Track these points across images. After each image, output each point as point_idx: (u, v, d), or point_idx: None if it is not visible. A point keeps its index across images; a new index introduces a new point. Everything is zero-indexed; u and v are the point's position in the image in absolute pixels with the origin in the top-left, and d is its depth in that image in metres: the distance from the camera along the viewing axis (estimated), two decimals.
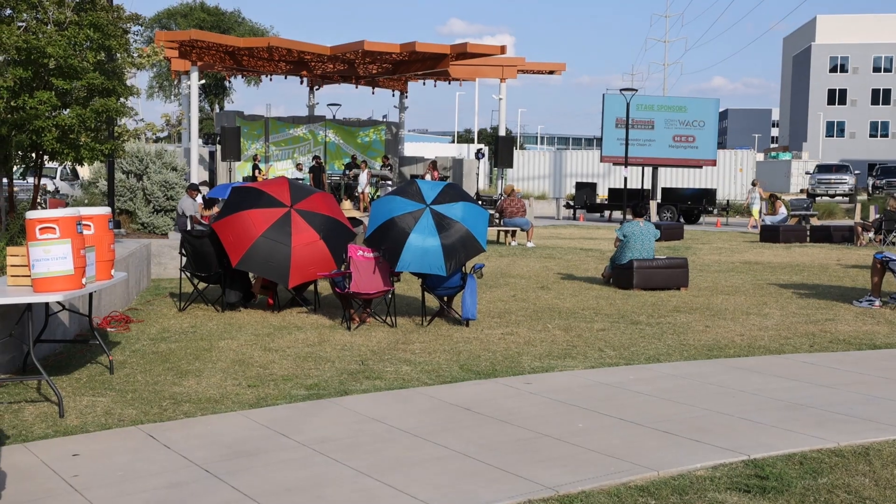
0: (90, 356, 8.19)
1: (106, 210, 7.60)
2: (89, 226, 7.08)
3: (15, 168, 11.79)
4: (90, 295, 7.84)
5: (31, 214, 6.49)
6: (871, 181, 50.51)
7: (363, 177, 30.05)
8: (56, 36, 9.57)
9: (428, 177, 22.00)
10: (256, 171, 30.11)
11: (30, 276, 6.52)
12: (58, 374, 7.39)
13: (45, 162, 11.38)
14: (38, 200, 11.87)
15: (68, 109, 10.31)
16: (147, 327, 9.80)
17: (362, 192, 29.58)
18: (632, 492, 4.92)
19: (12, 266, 6.82)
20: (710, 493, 4.90)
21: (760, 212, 29.98)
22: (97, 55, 10.19)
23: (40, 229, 6.36)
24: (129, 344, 8.83)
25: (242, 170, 32.02)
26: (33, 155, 11.18)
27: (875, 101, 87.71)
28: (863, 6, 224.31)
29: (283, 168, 33.67)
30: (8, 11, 9.91)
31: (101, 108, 10.04)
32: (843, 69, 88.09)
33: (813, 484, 5.06)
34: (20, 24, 9.95)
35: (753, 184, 32.62)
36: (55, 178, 31.74)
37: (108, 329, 9.43)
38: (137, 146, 15.98)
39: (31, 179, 18.23)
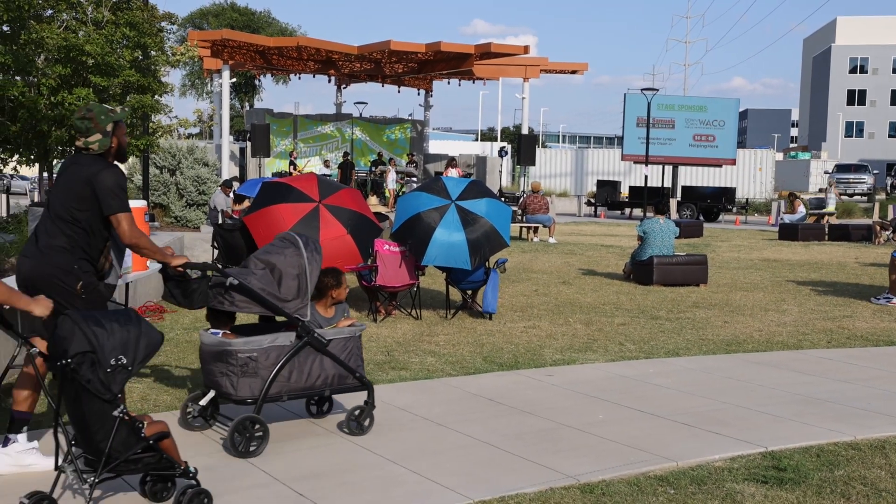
0: None
1: (142, 203, 7.82)
2: None
3: (55, 162, 12.05)
4: (126, 285, 8.06)
5: None
6: (889, 181, 50.36)
7: (391, 174, 30.27)
8: (94, 34, 9.80)
9: (453, 172, 22.11)
10: (292, 168, 30.46)
11: None
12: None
13: None
14: None
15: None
16: (180, 317, 10.00)
17: (390, 189, 29.81)
18: (651, 481, 5.02)
19: None
20: (727, 483, 4.99)
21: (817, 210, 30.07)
22: (133, 53, 10.41)
23: None
24: (163, 333, 9.02)
25: (272, 166, 32.33)
26: (72, 150, 11.45)
27: (894, 102, 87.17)
28: (883, 8, 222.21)
29: (312, 165, 34.00)
30: (49, 12, 10.15)
31: (137, 104, 10.27)
32: (863, 70, 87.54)
33: (830, 476, 5.14)
34: (60, 23, 10.20)
35: (830, 184, 32.95)
36: None
37: (144, 318, 9.65)
38: (170, 142, 16.25)
39: None
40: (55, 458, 4.48)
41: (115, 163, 5.15)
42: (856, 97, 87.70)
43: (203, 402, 5.72)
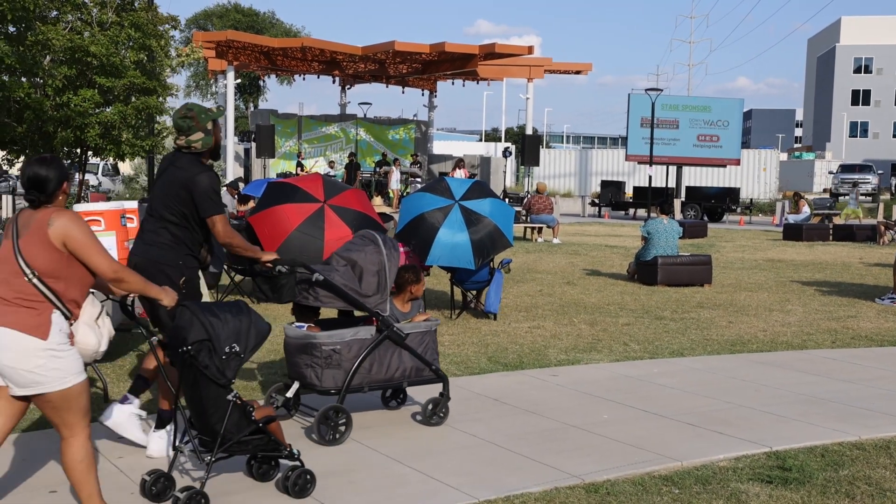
0: (133, 344, 8.42)
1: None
2: (132, 219, 7.32)
3: None
4: None
5: (77, 208, 6.74)
6: (894, 181, 50.32)
7: (395, 174, 30.31)
8: (99, 35, 9.83)
9: (459, 173, 22.14)
10: (299, 169, 30.54)
11: None
12: (102, 362, 7.61)
13: (89, 158, 11.69)
14: (82, 195, 12.17)
15: (111, 107, 10.59)
16: None
17: (394, 189, 29.85)
18: (656, 481, 5.03)
19: None
20: (732, 483, 5.00)
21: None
22: (138, 54, 10.45)
23: (86, 222, 6.60)
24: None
25: (276, 166, 32.41)
26: (78, 150, 11.49)
27: None
28: (888, 8, 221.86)
29: (318, 165, 34.10)
30: (54, 13, 10.19)
31: (142, 105, 10.31)
32: (868, 70, 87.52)
33: (834, 476, 5.15)
34: (65, 24, 10.24)
35: (854, 183, 33.10)
36: (97, 173, 32.24)
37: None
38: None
39: (76, 175, 18.63)
40: (173, 439, 4.80)
41: (209, 162, 5.42)
42: (860, 97, 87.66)
43: (289, 393, 5.97)
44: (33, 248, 3.96)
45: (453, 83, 36.08)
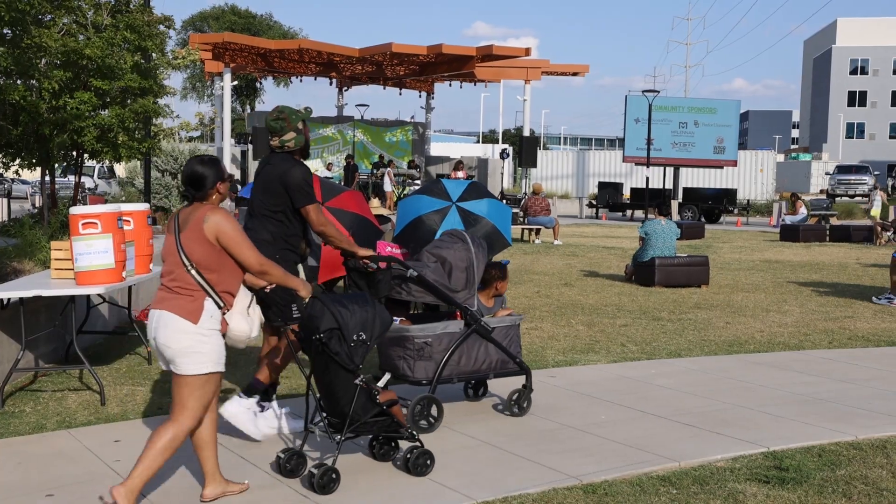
0: (129, 347, 8.44)
1: (145, 206, 7.81)
2: (129, 221, 7.30)
3: (56, 166, 12.09)
4: (129, 288, 8.08)
5: (74, 210, 6.71)
6: (890, 182, 50.42)
7: (388, 176, 30.32)
8: (95, 38, 9.81)
9: (459, 175, 22.14)
10: None
11: (73, 269, 6.75)
12: (99, 364, 7.64)
13: (85, 160, 11.66)
14: (79, 197, 12.15)
15: (107, 110, 10.57)
16: None
17: (388, 192, 29.85)
18: (653, 481, 5.03)
19: (56, 260, 7.06)
20: (730, 483, 5.01)
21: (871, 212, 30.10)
22: (134, 56, 10.43)
23: (83, 224, 6.56)
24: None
25: None
26: (74, 153, 11.45)
27: (895, 103, 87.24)
28: (883, 9, 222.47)
29: (315, 168, 34.09)
30: (49, 16, 10.17)
31: (139, 108, 10.29)
32: (864, 71, 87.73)
33: (831, 475, 5.16)
34: (60, 27, 10.21)
35: (875, 187, 33.02)
36: (93, 176, 32.18)
37: (146, 321, 9.65)
38: (172, 145, 16.30)
39: (71, 177, 18.62)
40: (305, 420, 5.16)
41: (300, 159, 5.69)
42: (857, 98, 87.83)
43: (380, 383, 6.01)
44: (192, 243, 4.43)
45: (451, 85, 36.10)
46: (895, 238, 23.02)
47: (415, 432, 5.18)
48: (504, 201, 22.62)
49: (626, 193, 37.89)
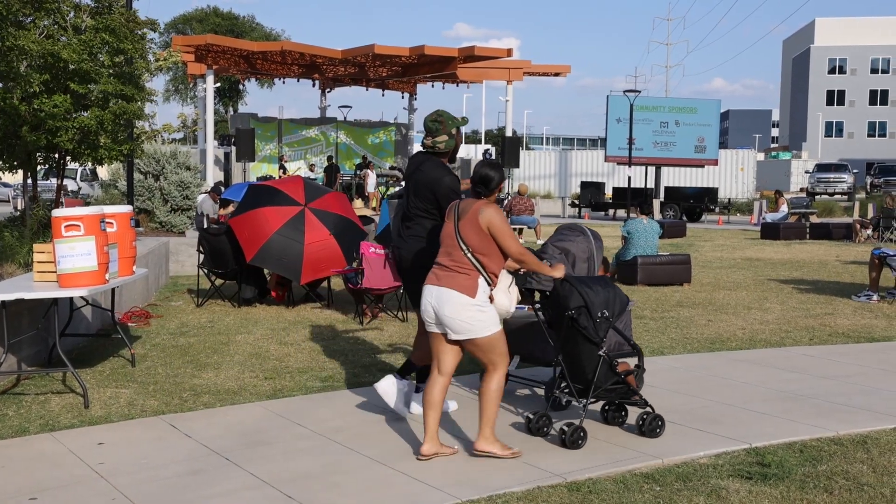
0: (112, 349, 8.39)
1: (128, 208, 7.78)
2: (112, 223, 7.27)
3: (39, 168, 11.99)
4: (112, 290, 8.04)
5: (57, 212, 6.67)
6: (869, 180, 50.83)
7: (371, 177, 30.30)
8: (73, 40, 9.74)
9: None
10: (282, 172, 30.44)
11: (55, 271, 6.71)
12: (82, 367, 7.60)
13: (67, 163, 11.57)
14: (60, 200, 12.06)
15: (88, 112, 10.49)
16: (166, 322, 10.00)
17: (371, 192, 29.84)
18: (637, 479, 5.06)
19: (39, 262, 7.01)
20: (713, 479, 5.04)
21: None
22: (113, 58, 10.34)
23: (66, 227, 6.53)
24: (149, 338, 9.03)
25: (257, 170, 32.28)
26: (56, 156, 11.36)
27: (873, 102, 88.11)
28: (861, 9, 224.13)
29: (295, 168, 34.01)
30: (29, 18, 10.08)
31: (120, 110, 10.22)
32: (842, 70, 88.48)
33: (813, 471, 5.19)
34: (40, 29, 10.13)
35: (886, 183, 33.17)
36: (76, 178, 31.95)
37: (129, 324, 9.62)
38: (154, 147, 16.22)
39: (53, 180, 18.48)
40: (546, 388, 6.26)
41: (448, 164, 6.19)
42: (835, 97, 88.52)
43: (511, 366, 6.62)
44: (468, 231, 5.28)
45: (433, 86, 36.05)
46: (874, 236, 23.21)
47: (647, 399, 5.85)
48: None
49: (609, 193, 38.02)
